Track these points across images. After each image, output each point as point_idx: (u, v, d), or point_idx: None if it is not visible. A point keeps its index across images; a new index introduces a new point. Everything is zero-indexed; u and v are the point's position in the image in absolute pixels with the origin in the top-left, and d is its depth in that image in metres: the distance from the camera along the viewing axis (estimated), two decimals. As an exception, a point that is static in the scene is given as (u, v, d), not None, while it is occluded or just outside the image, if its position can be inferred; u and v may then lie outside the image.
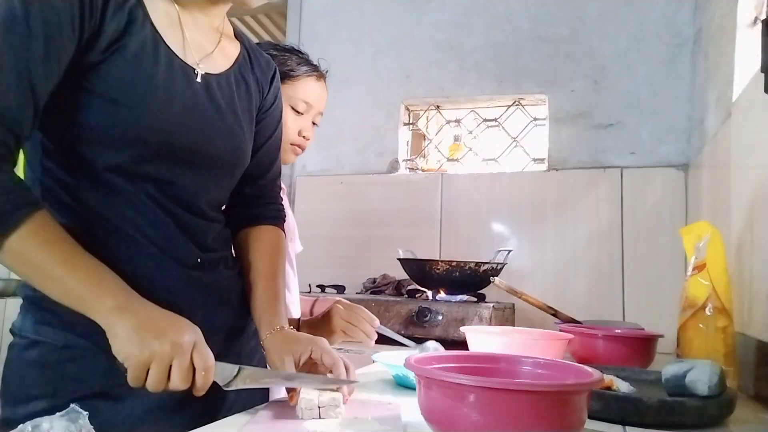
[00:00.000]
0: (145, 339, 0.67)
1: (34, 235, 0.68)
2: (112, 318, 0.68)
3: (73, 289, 0.69)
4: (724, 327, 1.07)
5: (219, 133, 0.86)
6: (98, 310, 0.68)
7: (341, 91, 2.48)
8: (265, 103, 0.99)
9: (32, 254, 0.68)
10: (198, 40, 0.86)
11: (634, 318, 2.00)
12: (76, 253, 0.70)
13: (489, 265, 1.91)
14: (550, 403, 0.58)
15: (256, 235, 0.98)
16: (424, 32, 2.49)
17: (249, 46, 0.97)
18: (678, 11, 2.14)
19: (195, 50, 0.84)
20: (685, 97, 2.11)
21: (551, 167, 2.26)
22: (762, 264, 1.09)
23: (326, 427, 0.67)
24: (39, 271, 0.69)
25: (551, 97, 2.29)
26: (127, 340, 0.67)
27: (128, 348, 0.67)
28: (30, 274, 0.70)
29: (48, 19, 0.69)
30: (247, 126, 0.92)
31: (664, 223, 2.06)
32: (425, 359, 0.71)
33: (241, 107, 0.91)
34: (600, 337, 1.27)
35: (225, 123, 0.87)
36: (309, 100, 1.22)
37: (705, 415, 0.79)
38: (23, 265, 0.69)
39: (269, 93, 0.99)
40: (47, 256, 0.68)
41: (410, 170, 2.54)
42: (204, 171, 0.85)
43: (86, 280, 0.69)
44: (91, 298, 0.69)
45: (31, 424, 0.56)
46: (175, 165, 0.81)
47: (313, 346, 0.83)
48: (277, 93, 1.01)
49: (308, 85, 1.22)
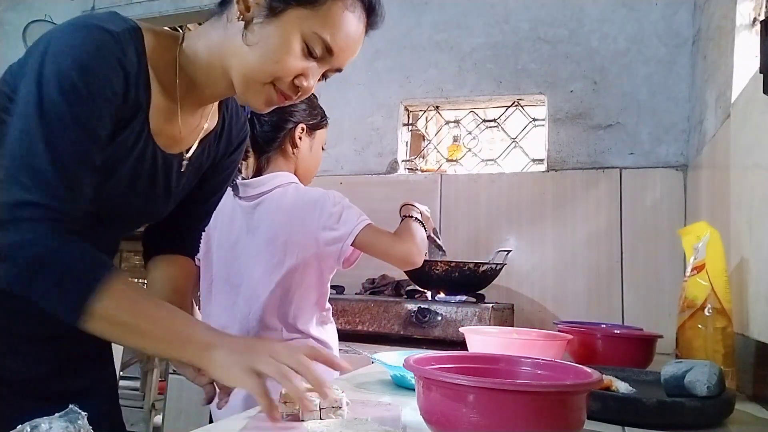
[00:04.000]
0: (243, 355, 0.72)
1: (117, 296, 0.71)
2: (207, 353, 0.73)
3: (162, 338, 0.74)
4: (723, 327, 1.07)
5: (155, 210, 0.92)
6: (192, 351, 0.73)
7: (340, 92, 2.48)
8: (220, 166, 1.03)
9: (120, 315, 0.71)
10: (186, 130, 0.89)
11: (633, 318, 2.01)
12: (155, 304, 0.76)
13: (488, 266, 1.91)
14: (549, 403, 0.58)
15: (173, 261, 1.04)
16: (423, 33, 2.49)
17: (227, 117, 0.99)
18: (677, 12, 2.15)
19: (182, 143, 0.89)
20: (684, 97, 2.11)
21: (550, 168, 2.26)
22: (761, 264, 1.09)
23: (326, 428, 0.67)
24: (128, 330, 0.72)
25: (550, 97, 2.29)
26: (227, 371, 0.72)
27: (233, 370, 0.72)
28: (119, 334, 0.74)
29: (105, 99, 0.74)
30: (180, 196, 0.96)
31: (663, 224, 2.06)
32: (424, 360, 0.71)
33: (189, 184, 0.96)
34: (599, 338, 1.27)
35: (166, 204, 0.93)
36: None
37: (704, 416, 0.79)
38: (113, 326, 0.72)
39: (228, 158, 1.03)
40: (134, 315, 0.72)
41: (409, 171, 2.54)
42: (116, 227, 0.92)
43: (172, 329, 0.74)
44: (180, 343, 0.74)
45: (30, 424, 0.56)
46: (99, 222, 0.83)
47: None
48: (236, 159, 1.06)
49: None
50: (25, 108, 0.71)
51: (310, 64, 0.82)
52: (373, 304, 1.85)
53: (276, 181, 1.38)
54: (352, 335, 1.79)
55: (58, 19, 3.04)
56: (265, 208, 1.36)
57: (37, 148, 0.69)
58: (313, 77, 0.83)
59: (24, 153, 0.69)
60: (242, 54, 0.80)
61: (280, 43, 0.79)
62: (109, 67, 0.74)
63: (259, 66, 0.80)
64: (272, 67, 0.80)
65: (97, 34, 0.73)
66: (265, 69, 0.80)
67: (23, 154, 0.69)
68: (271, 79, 0.81)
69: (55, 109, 0.70)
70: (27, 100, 0.71)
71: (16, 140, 0.70)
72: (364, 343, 1.71)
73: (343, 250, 1.31)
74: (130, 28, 0.77)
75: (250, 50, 0.79)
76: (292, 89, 0.83)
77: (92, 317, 0.69)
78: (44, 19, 3.04)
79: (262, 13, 0.79)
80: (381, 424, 0.69)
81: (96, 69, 0.72)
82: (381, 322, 1.83)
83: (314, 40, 0.80)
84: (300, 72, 0.81)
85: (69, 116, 0.71)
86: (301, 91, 0.83)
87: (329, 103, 1.57)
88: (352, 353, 1.46)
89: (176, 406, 2.07)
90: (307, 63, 0.81)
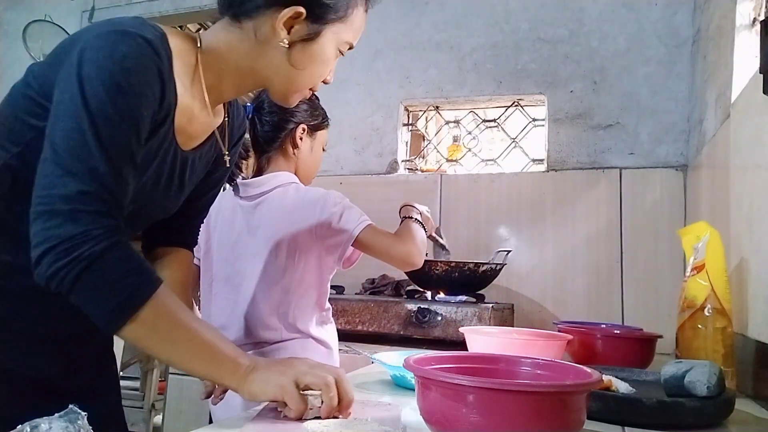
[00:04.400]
0: (277, 373, 0.74)
1: (160, 305, 0.71)
2: (245, 377, 0.74)
3: (199, 354, 0.74)
4: (722, 328, 1.07)
5: (169, 206, 0.95)
6: (230, 372, 0.74)
7: (340, 92, 2.48)
8: (222, 160, 1.05)
9: (161, 325, 0.72)
10: (203, 129, 0.92)
11: (633, 319, 2.01)
12: (196, 319, 0.76)
13: (488, 266, 1.91)
14: (549, 403, 0.58)
15: (173, 254, 1.06)
16: (423, 33, 2.49)
17: (230, 112, 1.04)
18: (677, 12, 2.15)
19: (195, 139, 0.91)
20: (684, 97, 2.11)
21: (550, 168, 2.26)
22: (761, 265, 1.09)
23: (326, 428, 0.67)
24: (166, 340, 0.73)
25: (550, 97, 2.29)
26: (265, 384, 0.74)
27: (270, 388, 0.73)
28: (155, 343, 0.73)
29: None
30: (189, 191, 0.99)
31: (663, 224, 2.06)
32: (424, 360, 0.71)
33: (197, 179, 0.99)
34: (599, 338, 1.27)
35: (178, 200, 0.95)
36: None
37: (704, 416, 0.79)
38: (151, 333, 0.72)
39: (230, 152, 1.06)
40: (175, 326, 0.72)
41: (409, 171, 2.54)
42: (137, 225, 0.94)
43: (213, 346, 0.74)
44: (218, 362, 0.74)
45: (30, 424, 0.56)
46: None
47: None
48: (236, 152, 1.11)
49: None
50: (70, 108, 0.71)
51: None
52: (373, 304, 1.85)
53: (276, 180, 1.38)
54: (352, 335, 1.79)
55: (58, 19, 3.04)
56: (265, 208, 1.37)
57: (89, 144, 0.69)
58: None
59: (77, 149, 0.69)
60: (286, 72, 0.88)
61: (323, 60, 0.90)
62: (151, 73, 0.75)
63: (305, 82, 0.91)
64: (317, 80, 0.92)
65: (138, 41, 0.75)
66: (310, 81, 0.91)
67: (77, 150, 0.69)
68: (313, 87, 0.93)
69: (103, 107, 0.71)
70: (72, 100, 0.71)
71: (66, 138, 0.70)
72: (364, 343, 1.70)
73: (343, 250, 1.31)
74: (160, 35, 0.79)
75: (296, 70, 0.88)
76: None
77: (133, 323, 0.69)
78: (44, 19, 3.04)
79: (303, 36, 0.86)
80: (381, 424, 0.69)
81: (140, 73, 0.74)
82: (381, 322, 1.83)
83: (344, 46, 0.92)
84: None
85: (116, 115, 0.71)
86: (326, 82, 0.95)
87: (329, 103, 1.57)
88: (352, 353, 1.46)
89: (176, 406, 2.07)
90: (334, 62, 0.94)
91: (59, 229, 0.67)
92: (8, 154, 0.78)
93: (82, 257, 0.67)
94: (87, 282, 0.68)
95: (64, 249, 0.67)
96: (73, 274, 0.67)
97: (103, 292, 0.69)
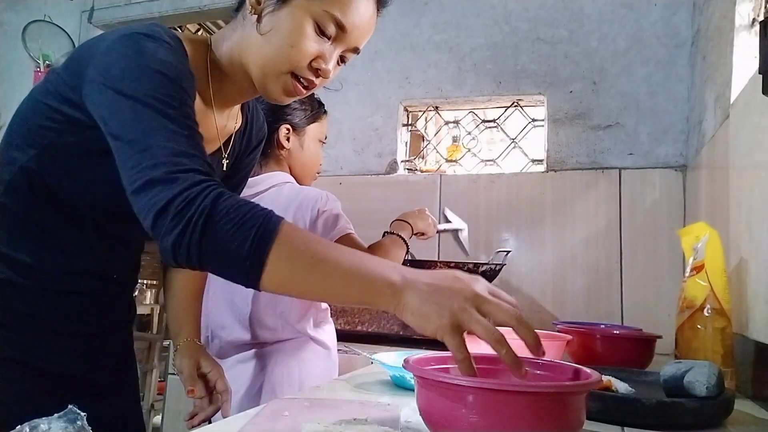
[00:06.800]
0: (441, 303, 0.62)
1: (293, 238, 0.65)
2: (397, 297, 0.64)
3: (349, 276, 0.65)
4: (722, 328, 1.07)
5: None
6: (383, 292, 0.64)
7: (340, 92, 2.48)
8: (240, 165, 1.07)
9: (302, 256, 0.65)
10: (218, 132, 0.93)
11: (633, 319, 2.01)
12: (330, 243, 0.68)
13: (488, 266, 1.91)
14: (549, 404, 0.58)
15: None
16: (422, 33, 2.49)
17: (249, 117, 1.04)
18: (676, 12, 2.15)
19: (211, 143, 0.93)
20: (684, 98, 2.11)
21: (550, 168, 2.26)
22: (760, 265, 1.09)
23: (325, 428, 0.67)
24: (313, 270, 0.65)
25: (550, 98, 2.29)
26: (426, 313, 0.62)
27: (432, 320, 0.62)
28: (302, 278, 0.65)
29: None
30: None
31: (662, 224, 2.06)
32: (424, 360, 0.71)
33: None
34: (598, 338, 1.27)
35: None
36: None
37: (703, 416, 0.79)
38: (295, 269, 0.65)
39: (248, 157, 1.08)
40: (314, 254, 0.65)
41: (409, 171, 2.54)
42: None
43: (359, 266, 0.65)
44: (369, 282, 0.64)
45: (29, 425, 0.56)
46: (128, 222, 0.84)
47: (215, 368, 1.09)
48: (255, 157, 1.12)
49: None
50: (114, 104, 0.69)
51: (325, 45, 0.83)
52: (372, 305, 1.85)
53: (271, 180, 1.39)
54: (352, 335, 1.79)
55: (58, 19, 3.04)
56: None
57: (152, 118, 0.68)
58: (331, 59, 0.85)
59: (142, 126, 0.67)
60: (258, 45, 0.82)
61: (293, 27, 0.80)
62: (183, 66, 0.76)
63: (274, 54, 0.81)
64: (288, 53, 0.81)
65: (163, 39, 0.75)
66: (281, 56, 0.81)
67: (142, 127, 0.67)
68: (288, 67, 0.82)
69: (153, 93, 0.69)
70: (113, 97, 0.69)
71: (125, 126, 0.68)
72: (363, 344, 1.70)
73: None
74: (177, 39, 0.80)
75: (265, 40, 0.81)
76: (312, 72, 0.84)
77: (274, 262, 0.63)
78: (44, 20, 3.04)
79: (272, 2, 0.81)
80: (380, 424, 0.69)
81: (174, 63, 0.74)
82: (380, 323, 1.82)
83: (325, 18, 0.81)
84: (316, 54, 0.83)
85: (168, 97, 0.70)
86: (321, 74, 0.84)
87: (329, 104, 1.57)
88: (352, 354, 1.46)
89: (175, 407, 2.06)
90: (321, 44, 0.83)
91: (161, 194, 0.64)
92: (25, 156, 0.79)
93: (195, 216, 0.63)
94: (212, 238, 0.63)
95: (175, 212, 0.63)
96: (196, 234, 0.63)
97: (233, 242, 0.63)
